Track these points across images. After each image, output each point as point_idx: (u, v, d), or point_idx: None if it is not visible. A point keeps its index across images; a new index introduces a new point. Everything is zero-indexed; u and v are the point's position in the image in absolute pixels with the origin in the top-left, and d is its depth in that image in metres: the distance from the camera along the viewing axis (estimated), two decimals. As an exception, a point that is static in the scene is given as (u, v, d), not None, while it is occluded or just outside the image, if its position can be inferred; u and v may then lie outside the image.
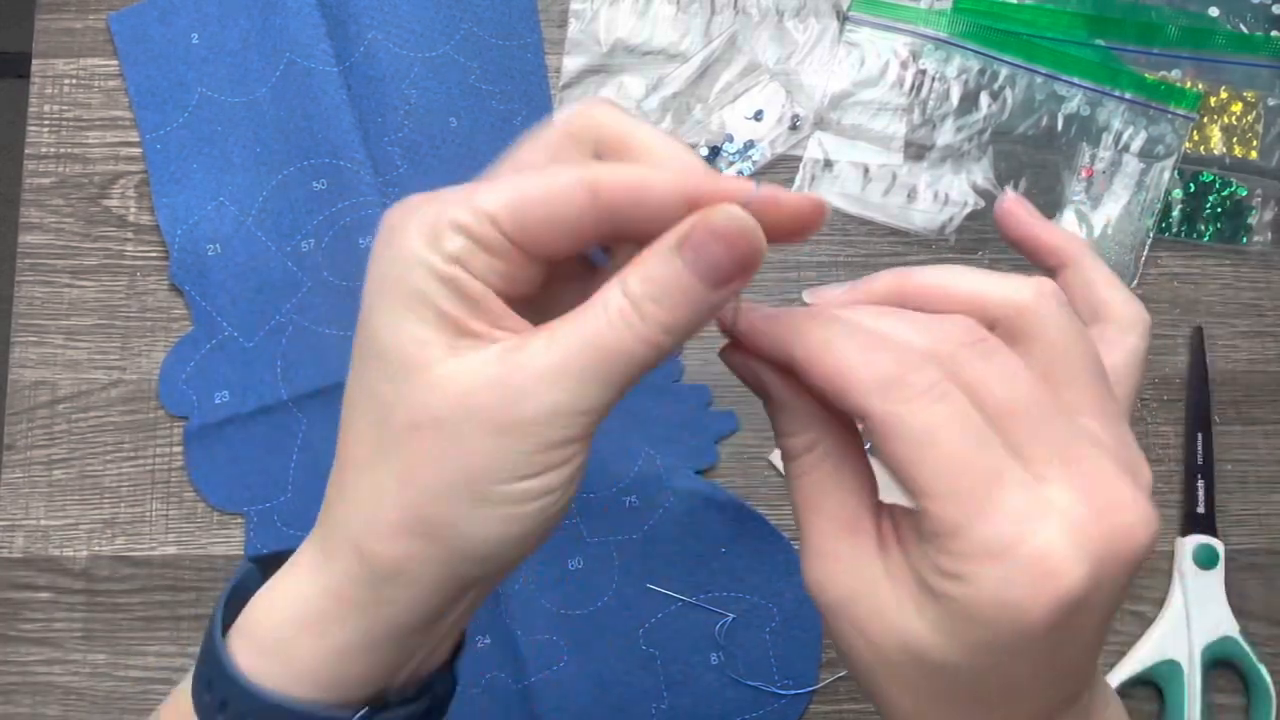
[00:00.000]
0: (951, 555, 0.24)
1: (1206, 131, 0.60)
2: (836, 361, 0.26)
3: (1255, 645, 0.55)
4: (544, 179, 0.26)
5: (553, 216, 0.26)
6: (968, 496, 0.24)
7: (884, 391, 0.25)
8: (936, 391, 0.25)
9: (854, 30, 0.61)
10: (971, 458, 0.24)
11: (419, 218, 0.26)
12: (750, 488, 0.56)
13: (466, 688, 0.54)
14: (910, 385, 0.25)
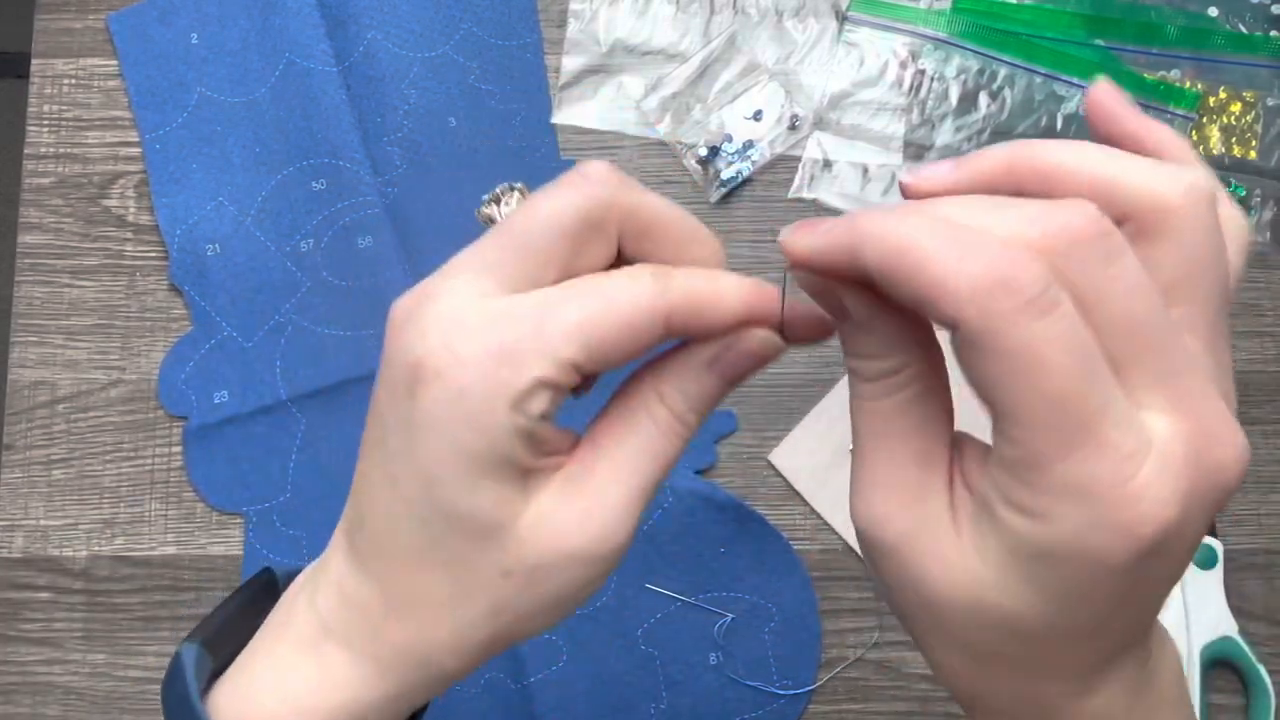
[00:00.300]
0: (1033, 490, 0.22)
1: (1206, 131, 0.60)
2: (922, 264, 0.22)
3: (1254, 645, 0.55)
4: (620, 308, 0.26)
5: (629, 347, 0.26)
6: (1064, 428, 0.22)
7: (981, 299, 0.21)
8: (1044, 301, 0.21)
9: (853, 30, 0.61)
10: (1075, 386, 0.21)
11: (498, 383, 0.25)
12: (749, 488, 0.56)
13: (466, 688, 0.54)
14: (1014, 293, 0.21)
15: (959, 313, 0.22)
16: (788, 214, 0.59)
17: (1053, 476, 0.22)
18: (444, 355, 0.25)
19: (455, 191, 0.59)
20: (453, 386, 0.25)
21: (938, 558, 0.25)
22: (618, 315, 0.25)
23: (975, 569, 0.24)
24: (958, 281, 0.21)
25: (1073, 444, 0.22)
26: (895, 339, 0.25)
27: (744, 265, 0.58)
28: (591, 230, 0.27)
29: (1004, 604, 0.24)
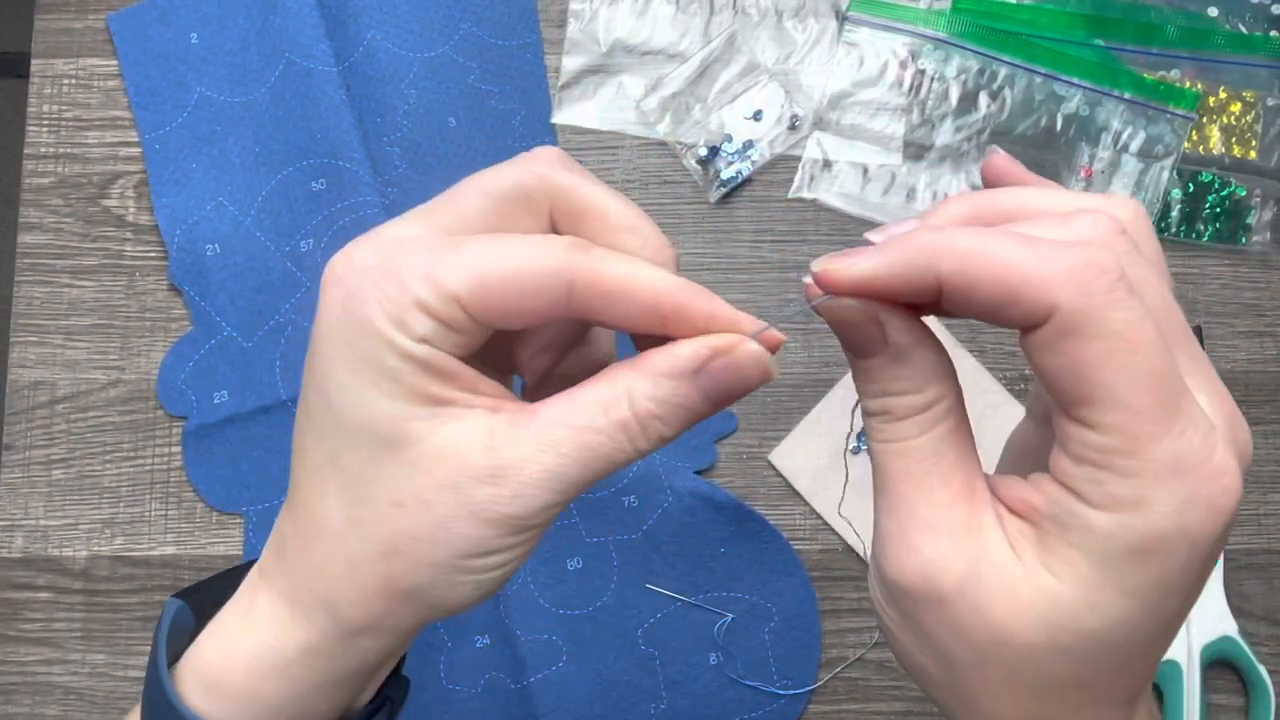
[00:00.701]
0: (1127, 477, 0.22)
1: (1205, 131, 0.60)
2: (1007, 258, 0.22)
3: (1254, 645, 0.55)
4: (517, 258, 0.25)
5: (523, 303, 0.25)
6: (1158, 406, 0.22)
7: (1078, 281, 0.22)
8: (1126, 285, 0.22)
9: (853, 30, 0.61)
10: (1166, 362, 0.22)
11: (381, 293, 0.25)
12: (749, 487, 0.56)
13: (466, 688, 0.54)
14: (1105, 273, 0.22)
15: (1056, 296, 0.22)
16: (787, 214, 0.59)
17: (1150, 457, 0.22)
18: (344, 263, 0.26)
19: (455, 191, 0.59)
20: (343, 290, 0.26)
21: (1008, 593, 0.24)
22: (514, 265, 0.25)
23: (1054, 593, 0.23)
24: (1052, 268, 0.22)
25: (1168, 421, 0.22)
26: (932, 368, 0.25)
27: (743, 265, 0.58)
28: (520, 201, 0.27)
29: (1091, 621, 0.23)
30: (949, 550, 0.24)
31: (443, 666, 0.54)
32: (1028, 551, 0.24)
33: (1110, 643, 0.24)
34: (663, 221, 0.59)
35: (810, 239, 0.59)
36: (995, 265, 0.23)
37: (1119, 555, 0.23)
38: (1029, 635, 0.24)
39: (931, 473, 0.25)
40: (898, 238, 0.24)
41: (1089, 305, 0.22)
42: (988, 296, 0.23)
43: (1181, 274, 0.60)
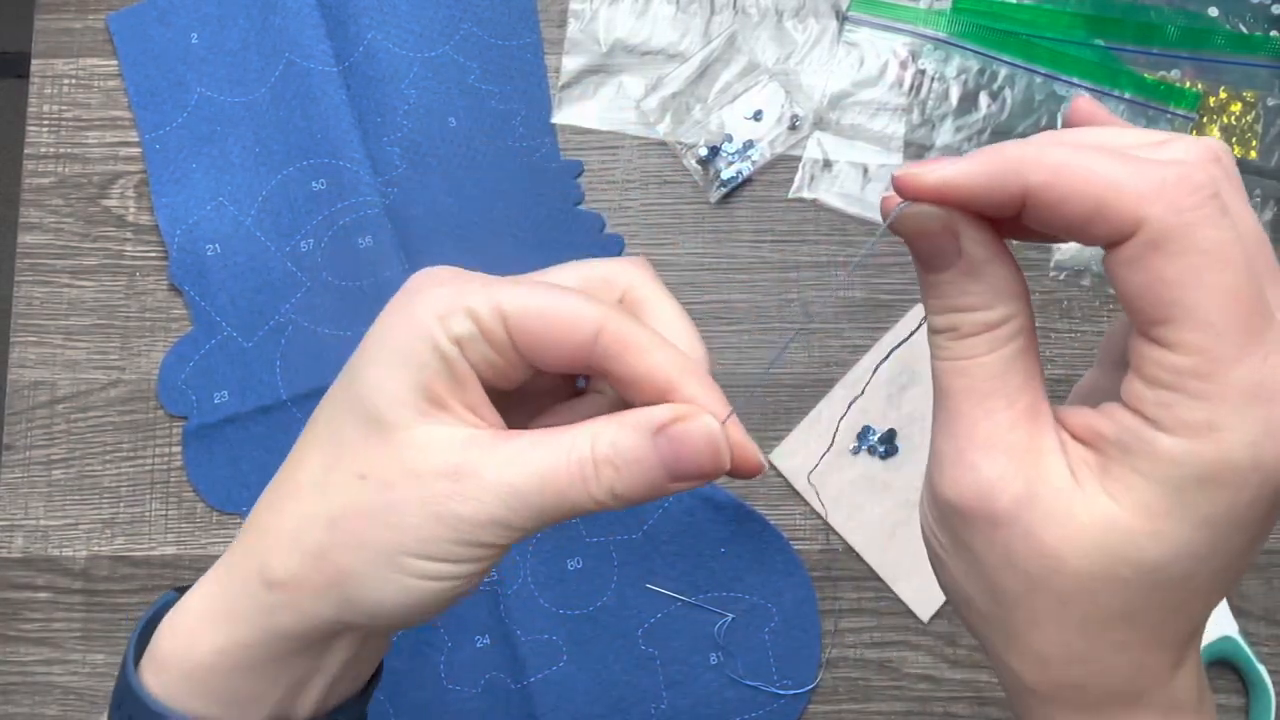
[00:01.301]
0: (1203, 400, 0.22)
1: (1206, 131, 0.60)
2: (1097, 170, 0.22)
3: (1255, 645, 0.55)
4: (561, 301, 0.27)
5: (556, 336, 0.27)
6: (1242, 328, 0.21)
7: (1168, 196, 0.21)
8: (1220, 203, 0.22)
9: (853, 30, 0.61)
10: (1252, 284, 0.21)
11: (441, 293, 0.28)
12: (750, 487, 0.56)
13: (466, 688, 0.54)
14: (1198, 189, 0.21)
15: (1146, 209, 0.21)
16: (787, 214, 0.59)
17: (1226, 380, 0.21)
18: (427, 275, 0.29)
19: (455, 191, 0.59)
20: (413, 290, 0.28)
21: (1064, 518, 0.23)
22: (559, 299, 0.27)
23: (1115, 520, 0.23)
24: (1143, 182, 0.22)
25: (1251, 344, 0.21)
26: (1006, 285, 0.25)
27: (743, 265, 0.58)
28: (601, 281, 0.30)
29: (1152, 551, 0.23)
30: (1007, 471, 0.24)
31: (443, 666, 0.54)
32: (1089, 478, 0.23)
33: (1170, 576, 0.23)
34: (663, 222, 0.59)
35: (810, 239, 0.59)
36: (1086, 176, 0.22)
37: (1187, 483, 0.22)
38: (1084, 562, 0.23)
39: (996, 392, 0.24)
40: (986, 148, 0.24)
41: (1179, 220, 0.21)
42: (1076, 209, 0.22)
43: (1181, 274, 0.59)
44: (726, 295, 0.58)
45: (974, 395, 0.25)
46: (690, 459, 0.27)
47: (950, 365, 0.25)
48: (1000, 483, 0.24)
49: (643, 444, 0.27)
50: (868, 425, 0.56)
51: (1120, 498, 0.23)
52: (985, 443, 0.24)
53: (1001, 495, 0.24)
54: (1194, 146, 0.23)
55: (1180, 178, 0.21)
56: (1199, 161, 0.23)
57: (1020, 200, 0.23)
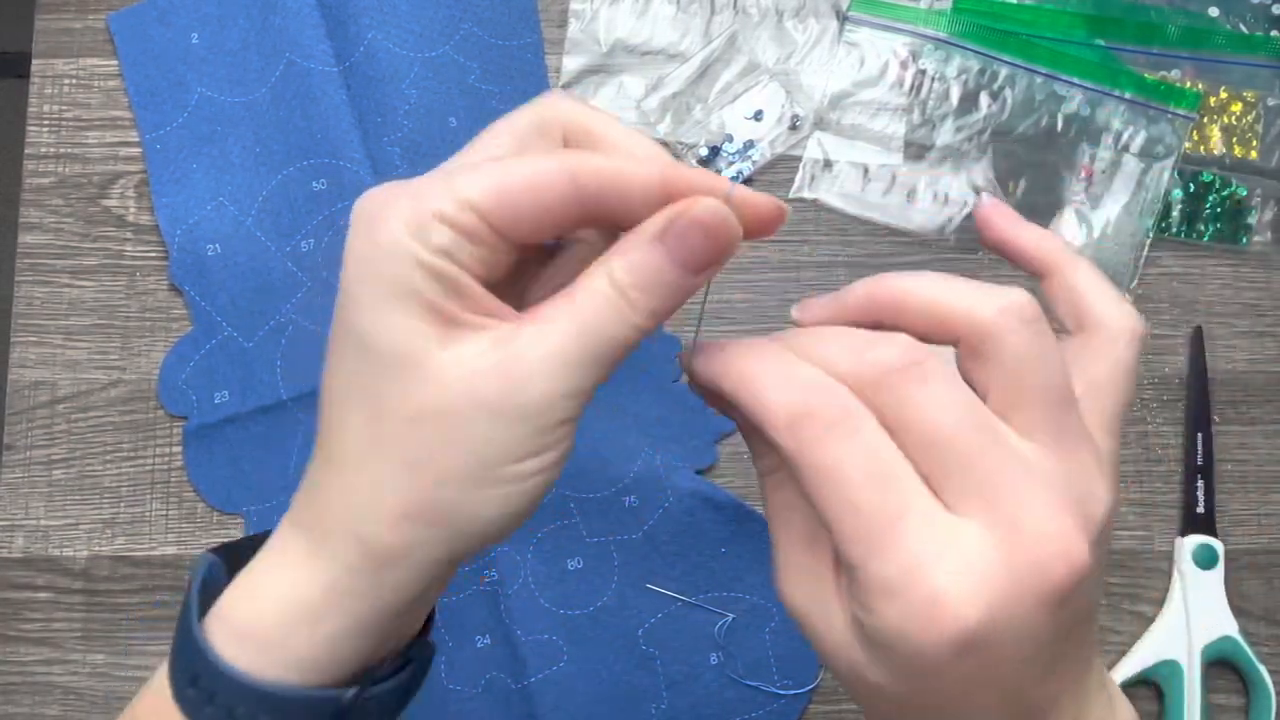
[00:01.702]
0: (859, 588, 0.25)
1: (1206, 131, 0.60)
2: (755, 396, 0.26)
3: (1255, 645, 0.55)
4: (525, 166, 0.27)
5: (535, 204, 0.27)
6: (867, 536, 0.25)
7: (792, 427, 0.25)
8: (845, 427, 0.25)
9: (854, 30, 0.61)
10: (872, 497, 0.25)
11: (400, 208, 0.26)
12: (750, 488, 0.56)
13: (466, 688, 0.54)
14: (817, 420, 0.25)
15: (778, 437, 0.25)
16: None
17: (865, 576, 0.25)
18: (367, 198, 0.28)
19: (455, 191, 0.59)
20: (367, 217, 0.27)
21: (827, 631, 0.27)
22: (522, 167, 0.27)
23: (852, 647, 0.27)
24: (776, 410, 0.26)
25: (874, 549, 0.25)
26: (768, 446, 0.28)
27: (744, 265, 0.58)
28: (536, 132, 0.29)
29: (870, 677, 0.26)
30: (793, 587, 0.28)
31: (443, 666, 0.54)
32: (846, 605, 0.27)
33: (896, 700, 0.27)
34: (663, 221, 0.59)
35: (811, 239, 0.59)
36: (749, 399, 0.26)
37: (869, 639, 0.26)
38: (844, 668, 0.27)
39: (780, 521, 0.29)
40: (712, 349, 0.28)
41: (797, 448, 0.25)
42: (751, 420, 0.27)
43: (1182, 274, 0.60)
44: (727, 295, 0.58)
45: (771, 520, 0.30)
46: (702, 246, 0.27)
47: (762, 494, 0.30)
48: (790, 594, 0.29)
49: (654, 255, 0.27)
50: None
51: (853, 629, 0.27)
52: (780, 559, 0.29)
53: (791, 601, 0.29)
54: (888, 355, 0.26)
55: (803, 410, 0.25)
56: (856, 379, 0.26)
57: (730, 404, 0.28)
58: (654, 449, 0.56)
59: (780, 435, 0.25)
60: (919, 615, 0.24)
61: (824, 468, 0.25)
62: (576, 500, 0.55)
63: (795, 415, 0.25)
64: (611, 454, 0.56)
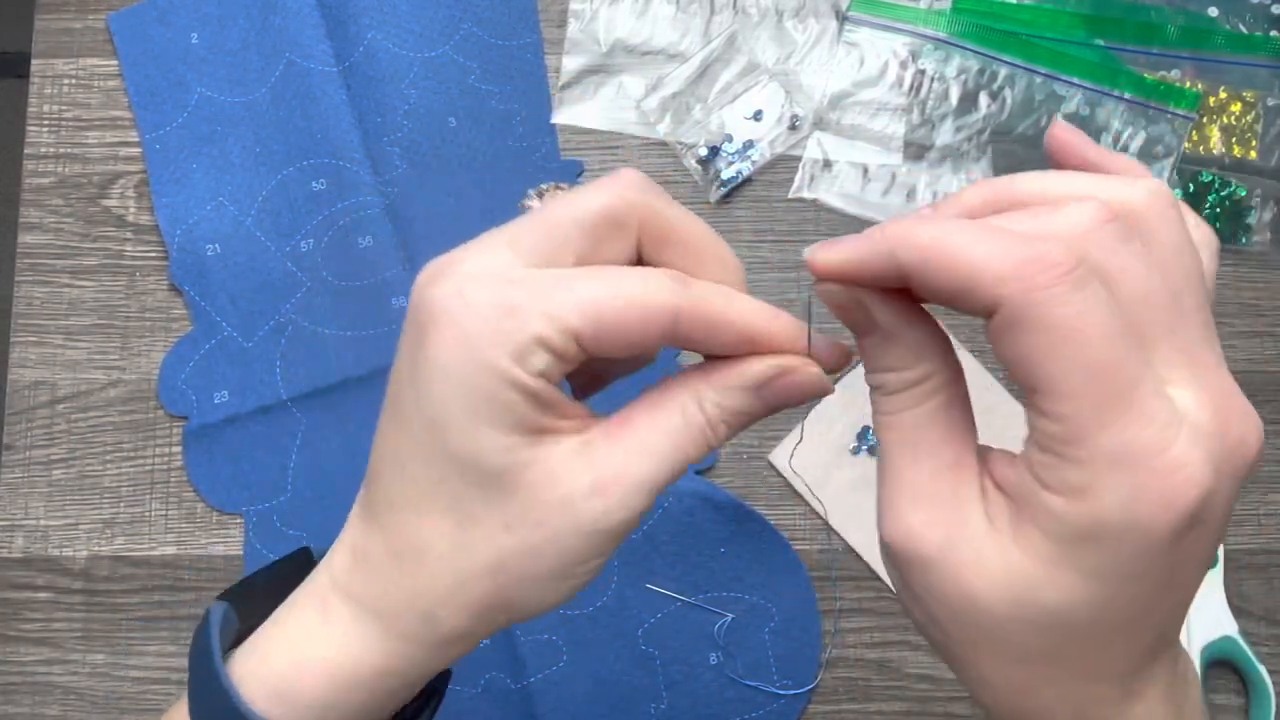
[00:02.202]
0: (1076, 465, 0.23)
1: (1206, 131, 0.60)
2: (959, 251, 0.23)
3: (1255, 645, 0.55)
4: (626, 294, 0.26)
5: (631, 335, 0.27)
6: (1104, 398, 0.22)
7: (1021, 276, 0.22)
8: (1078, 275, 0.22)
9: (853, 30, 0.61)
10: (1113, 354, 0.22)
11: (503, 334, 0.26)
12: (750, 488, 0.56)
13: (466, 688, 0.54)
14: (1052, 267, 0.22)
15: (1001, 290, 0.23)
16: (787, 214, 0.59)
17: (1095, 447, 0.23)
18: (456, 302, 0.26)
19: (455, 191, 0.59)
20: (460, 330, 0.26)
21: (979, 563, 0.25)
22: (626, 299, 0.26)
23: (1019, 567, 0.24)
24: (999, 262, 0.23)
25: (1113, 413, 0.22)
26: (921, 347, 0.26)
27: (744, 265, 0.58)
28: (613, 226, 0.28)
29: (1052, 597, 0.24)
30: (930, 519, 0.26)
31: (443, 666, 0.54)
32: (1004, 526, 0.25)
33: (1074, 620, 0.24)
34: (663, 221, 0.59)
35: (810, 239, 0.59)
36: (948, 257, 0.23)
37: (1070, 538, 0.23)
38: (998, 605, 0.25)
39: (919, 444, 0.26)
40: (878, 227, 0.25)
41: (1029, 300, 0.22)
42: (944, 287, 0.24)
43: (1182, 274, 0.59)
44: (726, 295, 0.58)
45: (900, 446, 0.27)
46: (796, 399, 0.29)
47: (881, 419, 0.27)
48: (923, 529, 0.26)
49: (750, 400, 0.28)
50: (867, 425, 0.56)
51: (1024, 547, 0.24)
52: (911, 492, 0.26)
53: (924, 542, 0.26)
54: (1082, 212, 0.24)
55: (1032, 257, 0.23)
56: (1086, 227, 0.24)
57: (901, 277, 0.25)
58: (654, 449, 0.56)
59: (1007, 287, 0.23)
60: (1157, 485, 0.22)
61: (1063, 318, 0.22)
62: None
63: (1025, 262, 0.22)
64: (611, 454, 0.56)
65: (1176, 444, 0.23)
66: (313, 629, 0.30)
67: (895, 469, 0.27)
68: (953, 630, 0.26)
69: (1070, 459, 0.23)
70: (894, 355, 0.27)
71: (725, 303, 0.28)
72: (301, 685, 0.29)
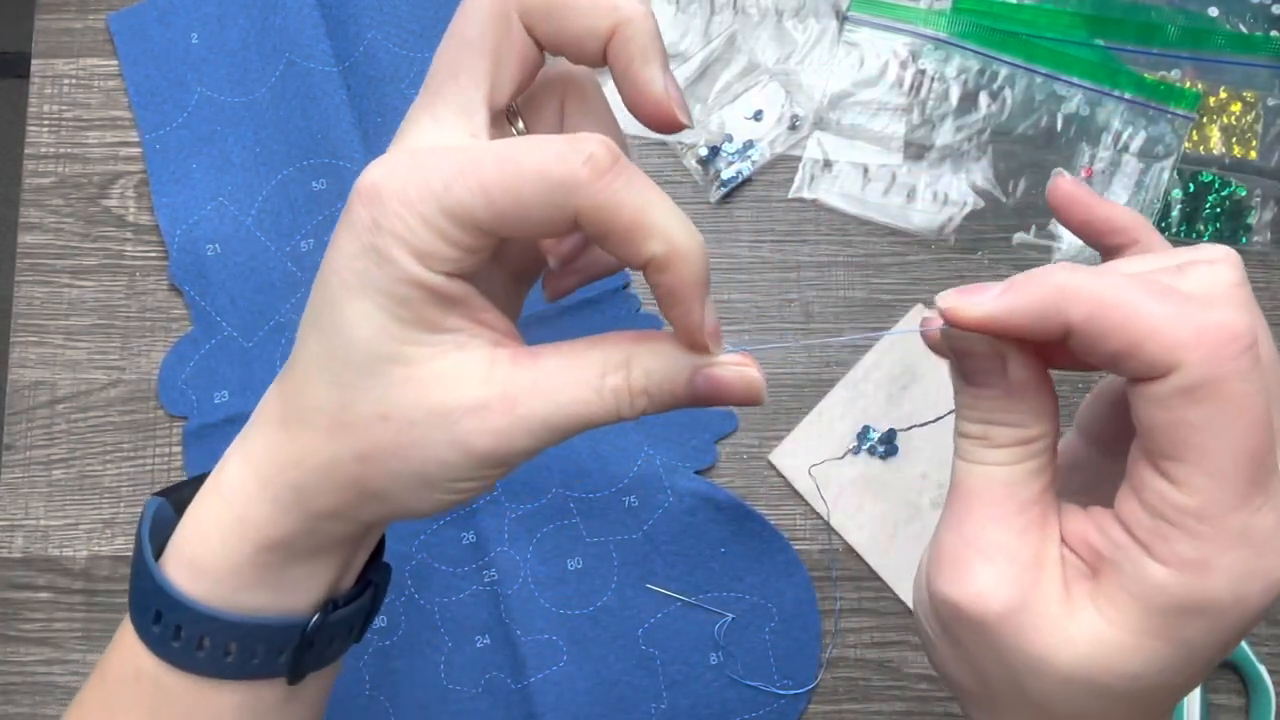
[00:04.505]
0: (1196, 538, 0.23)
1: (1206, 131, 0.60)
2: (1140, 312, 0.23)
3: (1255, 645, 0.55)
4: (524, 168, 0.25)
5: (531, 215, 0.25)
6: (1250, 480, 0.22)
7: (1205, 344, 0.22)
8: (1252, 356, 0.22)
9: (853, 30, 0.61)
10: (1265, 439, 0.23)
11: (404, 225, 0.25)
12: (750, 487, 0.56)
13: (466, 687, 0.54)
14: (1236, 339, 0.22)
15: (1179, 357, 0.22)
16: (787, 214, 0.59)
17: (1225, 525, 0.23)
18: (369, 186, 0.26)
19: (455, 191, 0.59)
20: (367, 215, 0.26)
21: (1051, 628, 0.24)
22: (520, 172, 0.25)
23: (1103, 635, 0.24)
24: (1180, 328, 0.22)
25: (1252, 494, 0.23)
26: (1043, 407, 0.26)
27: (744, 265, 0.58)
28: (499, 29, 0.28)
29: (1133, 664, 0.24)
30: (1005, 578, 0.25)
31: (443, 666, 0.54)
32: (1082, 592, 0.25)
33: (1148, 684, 0.24)
34: (663, 221, 0.59)
35: (810, 239, 0.59)
36: (1128, 315, 0.23)
37: (1173, 610, 0.23)
38: (1070, 669, 0.24)
39: (1010, 500, 0.25)
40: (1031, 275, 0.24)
41: (1214, 371, 0.22)
42: (1113, 346, 0.23)
43: (1182, 274, 0.59)
44: (726, 295, 0.58)
45: (989, 500, 0.26)
46: (725, 398, 0.27)
47: (974, 468, 0.26)
48: (996, 588, 0.25)
49: (680, 379, 0.27)
50: (868, 425, 0.56)
51: (1110, 615, 0.24)
52: (990, 547, 0.25)
53: (994, 601, 0.25)
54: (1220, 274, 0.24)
55: (1220, 326, 0.22)
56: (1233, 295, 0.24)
57: (1063, 334, 0.24)
58: (654, 449, 0.56)
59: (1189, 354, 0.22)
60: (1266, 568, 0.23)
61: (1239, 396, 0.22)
62: (576, 500, 0.55)
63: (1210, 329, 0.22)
64: (611, 454, 0.56)
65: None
66: (214, 495, 0.30)
67: (975, 520, 0.26)
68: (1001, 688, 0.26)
69: (1193, 533, 0.23)
70: (1014, 411, 0.26)
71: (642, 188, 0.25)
72: (208, 552, 0.30)
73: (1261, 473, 0.23)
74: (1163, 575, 0.23)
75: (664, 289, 0.26)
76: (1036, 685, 0.25)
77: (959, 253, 0.59)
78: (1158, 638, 0.24)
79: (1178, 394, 0.23)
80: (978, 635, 0.25)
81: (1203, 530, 0.23)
